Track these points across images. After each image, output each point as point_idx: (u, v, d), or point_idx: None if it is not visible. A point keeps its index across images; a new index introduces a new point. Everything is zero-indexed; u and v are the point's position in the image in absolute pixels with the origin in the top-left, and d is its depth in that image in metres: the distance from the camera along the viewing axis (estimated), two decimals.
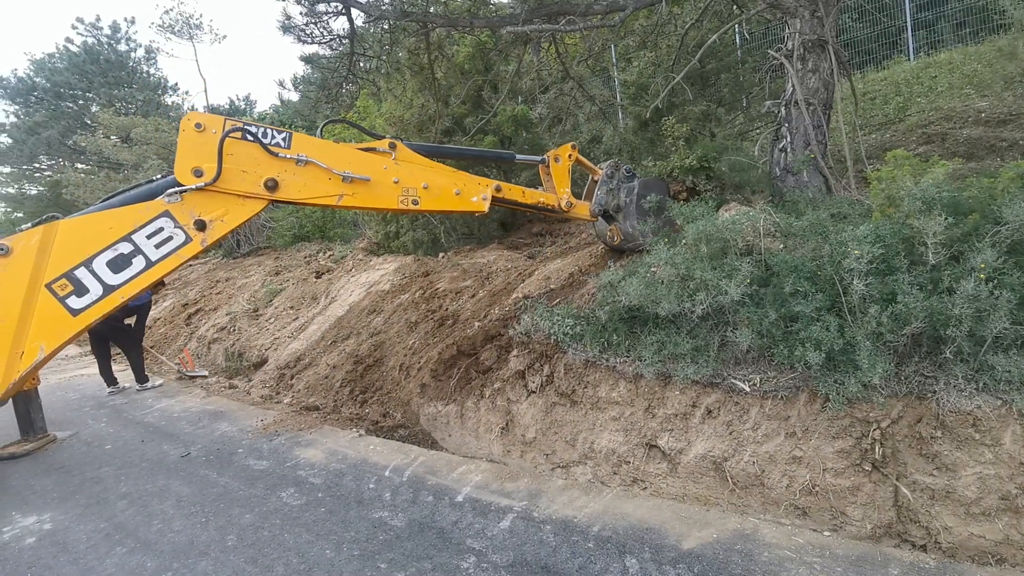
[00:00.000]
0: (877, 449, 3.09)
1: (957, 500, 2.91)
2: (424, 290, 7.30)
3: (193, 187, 3.71)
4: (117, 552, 3.34)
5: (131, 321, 7.70)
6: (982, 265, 2.71)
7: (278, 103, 29.27)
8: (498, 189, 4.57)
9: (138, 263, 3.74)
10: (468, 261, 7.99)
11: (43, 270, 3.66)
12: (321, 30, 6.46)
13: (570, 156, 5.00)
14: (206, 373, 8.20)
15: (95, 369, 8.84)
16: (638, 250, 5.14)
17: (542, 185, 5.15)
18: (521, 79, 7.95)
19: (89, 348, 11.21)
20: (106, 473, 4.70)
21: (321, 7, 5.84)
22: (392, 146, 4.22)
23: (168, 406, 6.65)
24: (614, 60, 12.05)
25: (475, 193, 4.43)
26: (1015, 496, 2.79)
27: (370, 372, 6.37)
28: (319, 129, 4.51)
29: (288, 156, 3.87)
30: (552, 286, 5.62)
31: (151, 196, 3.77)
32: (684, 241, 4.01)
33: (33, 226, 3.81)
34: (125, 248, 3.72)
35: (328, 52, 7.10)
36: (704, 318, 3.73)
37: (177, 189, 3.71)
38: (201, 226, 3.76)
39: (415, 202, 4.19)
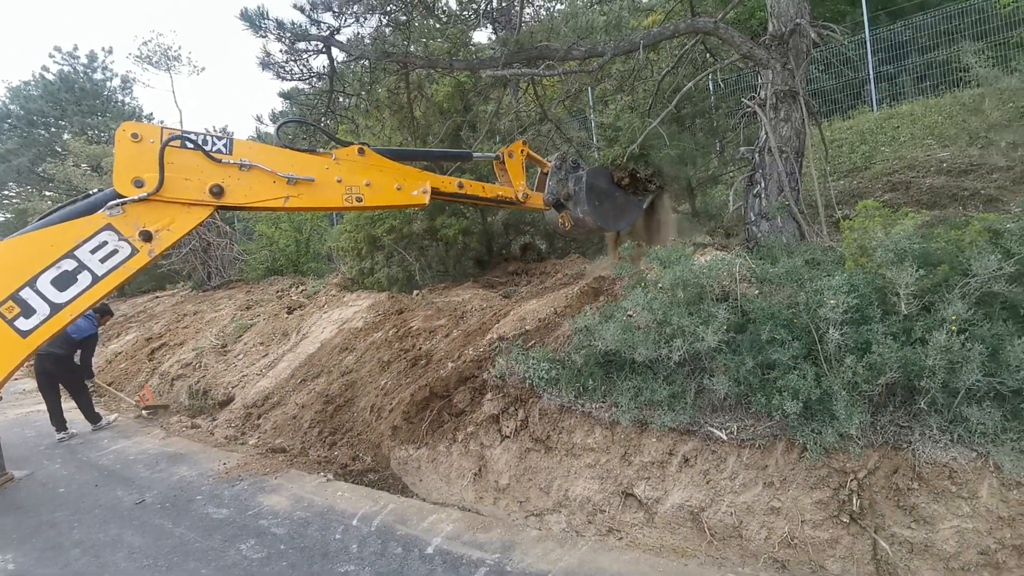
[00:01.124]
0: (855, 500, 3.06)
1: (936, 555, 2.87)
2: (398, 328, 7.18)
3: (135, 198, 3.60)
4: None
5: (76, 357, 7.40)
6: (953, 317, 2.74)
7: (255, 135, 29.21)
8: (460, 185, 4.81)
9: (84, 279, 3.57)
10: (443, 299, 7.90)
11: None
12: (301, 67, 6.45)
13: (522, 151, 5.38)
14: (167, 404, 7.90)
15: None
16: (588, 235, 6.07)
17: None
18: (500, 119, 8.04)
19: None
20: (60, 518, 4.43)
21: (301, 45, 5.83)
22: (361, 151, 4.34)
23: (124, 447, 6.34)
24: (591, 103, 12.32)
25: (415, 187, 4.50)
26: (994, 551, 2.77)
27: (340, 413, 6.18)
28: (275, 128, 4.58)
29: (231, 162, 3.85)
30: (527, 327, 5.55)
31: (91, 210, 3.62)
32: (661, 286, 4.00)
33: None
34: (69, 265, 3.55)
35: (307, 89, 7.09)
36: (681, 364, 3.70)
37: (118, 201, 3.58)
38: (147, 237, 3.64)
39: (359, 199, 4.24)
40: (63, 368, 7.16)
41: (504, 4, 8.37)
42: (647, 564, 3.24)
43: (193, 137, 3.77)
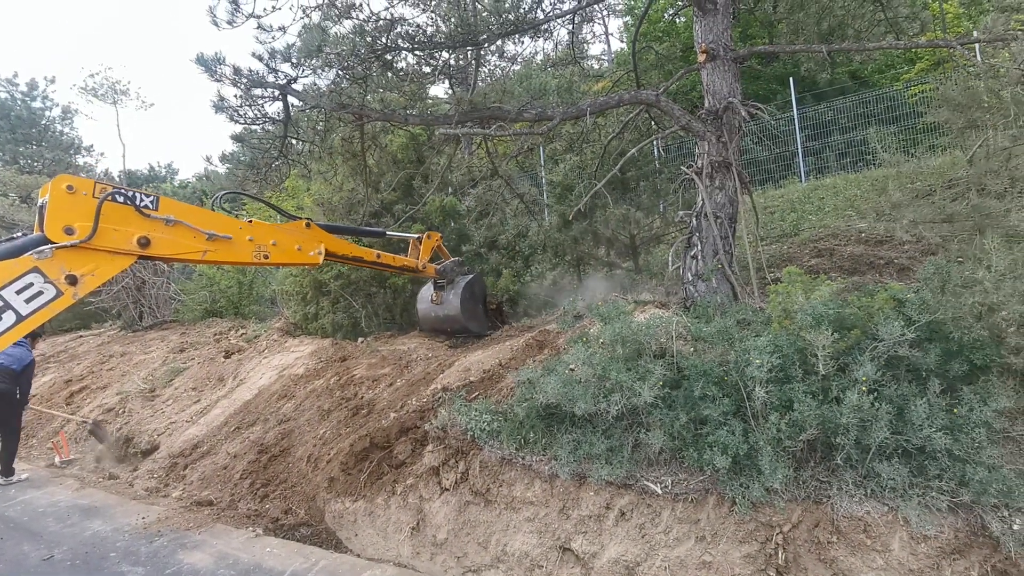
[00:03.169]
0: (780, 554, 3.17)
1: None
2: (340, 376, 7.04)
3: (68, 244, 3.79)
4: None
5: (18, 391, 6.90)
6: (863, 378, 2.96)
7: (201, 172, 28.74)
8: (379, 256, 6.05)
9: (8, 318, 3.64)
10: (388, 348, 7.83)
11: None
12: (255, 112, 6.49)
13: (437, 242, 7.11)
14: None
15: None
16: (441, 322, 7.54)
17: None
18: (452, 172, 8.25)
19: None
20: None
21: (257, 91, 5.89)
22: (308, 225, 5.16)
23: (33, 498, 5.86)
24: (542, 161, 12.80)
25: (312, 248, 5.20)
26: None
27: (275, 463, 5.94)
28: (212, 201, 5.18)
29: (157, 217, 4.18)
30: (472, 378, 5.57)
31: (16, 253, 3.72)
32: (601, 341, 4.14)
33: None
34: None
35: (260, 132, 7.11)
36: (619, 418, 3.81)
37: (49, 246, 3.73)
38: (72, 281, 3.81)
39: (266, 256, 4.83)
40: (6, 405, 6.70)
41: (461, 62, 8.73)
42: None
43: (126, 192, 4.11)
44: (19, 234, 3.98)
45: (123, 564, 4.15)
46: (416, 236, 6.87)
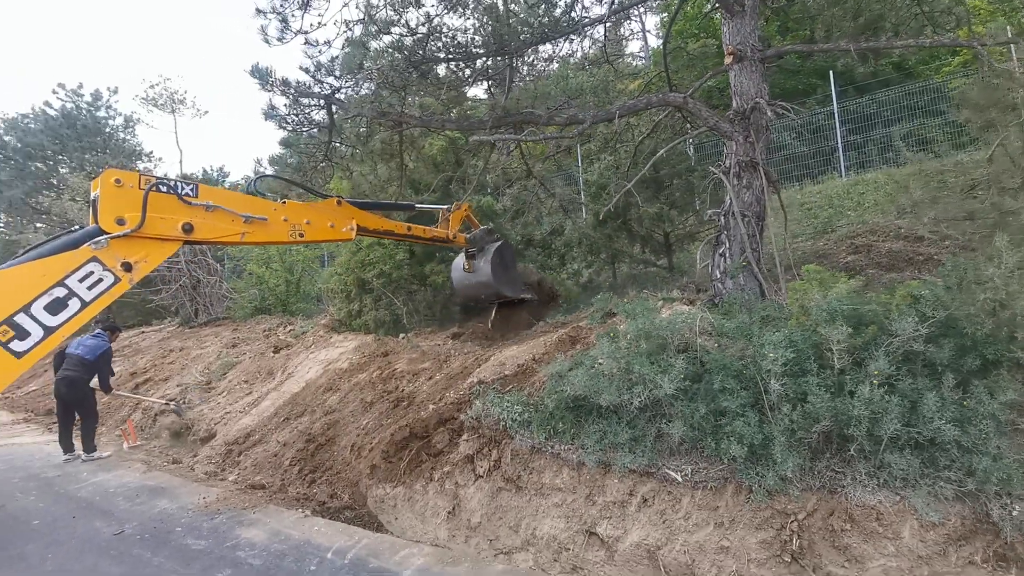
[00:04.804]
0: (795, 541, 3.31)
1: None
2: (382, 370, 7.40)
3: (120, 234, 4.18)
4: None
5: (94, 384, 7.68)
6: (875, 372, 3.08)
7: (251, 175, 30.04)
8: (409, 228, 6.42)
9: (73, 304, 4.06)
10: (428, 343, 8.16)
11: None
12: (302, 119, 6.90)
13: (466, 211, 7.33)
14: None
15: (27, 438, 8.54)
16: (476, 289, 7.70)
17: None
18: (488, 174, 8.53)
19: (23, 416, 10.79)
20: (31, 551, 4.51)
21: (304, 100, 6.28)
22: (339, 202, 5.49)
23: (104, 480, 6.42)
24: (579, 160, 12.96)
25: (345, 224, 5.52)
26: None
27: (321, 451, 6.34)
28: (247, 185, 5.49)
29: (197, 203, 4.51)
30: (506, 372, 5.82)
31: (74, 245, 4.13)
32: (627, 336, 4.33)
33: None
34: (60, 292, 4.03)
35: (306, 138, 7.54)
36: (642, 410, 3.99)
37: (104, 237, 4.13)
38: (128, 267, 4.22)
39: (301, 234, 5.12)
40: (77, 392, 7.45)
41: (500, 62, 9.01)
42: None
43: (168, 182, 4.47)
44: (76, 227, 4.43)
45: (188, 538, 4.58)
46: (445, 207, 7.09)
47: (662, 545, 3.69)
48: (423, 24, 5.06)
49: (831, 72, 12.69)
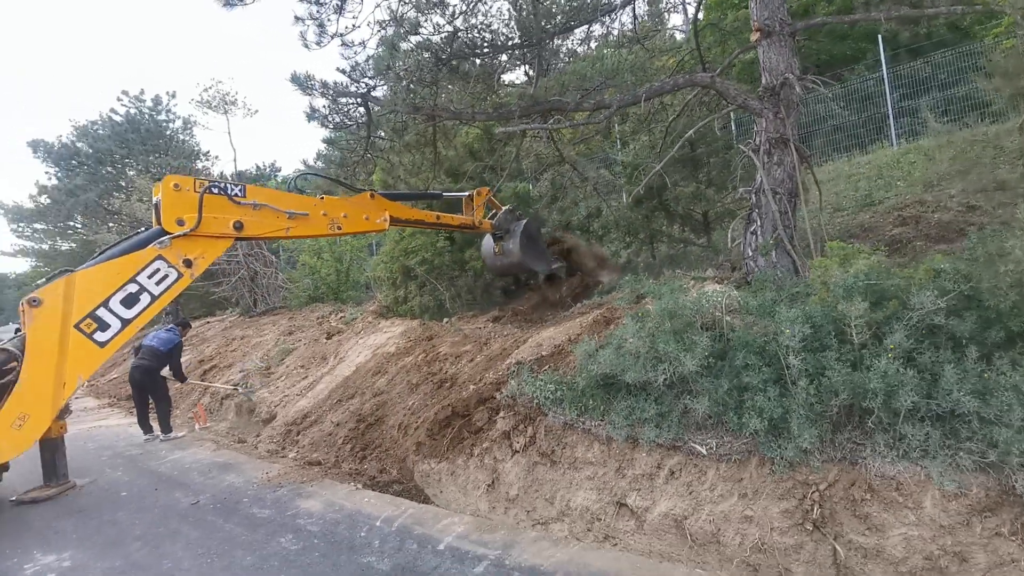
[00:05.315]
0: (816, 510, 3.42)
1: (887, 559, 3.20)
2: (427, 353, 7.75)
3: (180, 234, 4.66)
4: None
5: (166, 373, 8.44)
6: (891, 346, 3.13)
7: (300, 167, 31.29)
8: (438, 217, 6.82)
9: (145, 298, 4.63)
10: (470, 327, 8.47)
11: (70, 314, 4.43)
12: (342, 118, 7.23)
13: (486, 196, 7.58)
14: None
15: (112, 421, 9.35)
16: (508, 268, 8.02)
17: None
18: (521, 161, 8.69)
19: (108, 401, 11.76)
20: (122, 517, 5.07)
21: (343, 100, 6.60)
22: (372, 195, 5.85)
23: (180, 457, 7.05)
24: (618, 142, 12.91)
25: (379, 216, 5.91)
26: (937, 556, 3.09)
27: (371, 430, 6.75)
28: (288, 183, 5.87)
29: (246, 202, 4.92)
30: (543, 353, 6.04)
31: (142, 246, 4.65)
32: (653, 315, 4.46)
33: (48, 280, 4.60)
34: (133, 288, 4.60)
35: (347, 135, 7.89)
36: (669, 386, 4.14)
37: (167, 237, 4.63)
38: (188, 264, 4.71)
39: (339, 227, 5.52)
40: (150, 379, 8.25)
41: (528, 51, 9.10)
42: (627, 562, 3.66)
43: (219, 184, 4.90)
44: (143, 229, 4.94)
45: (254, 507, 5.04)
46: (467, 194, 7.43)
47: (688, 515, 3.86)
48: (449, 23, 5.26)
49: (879, 36, 12.15)
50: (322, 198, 5.49)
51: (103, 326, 4.53)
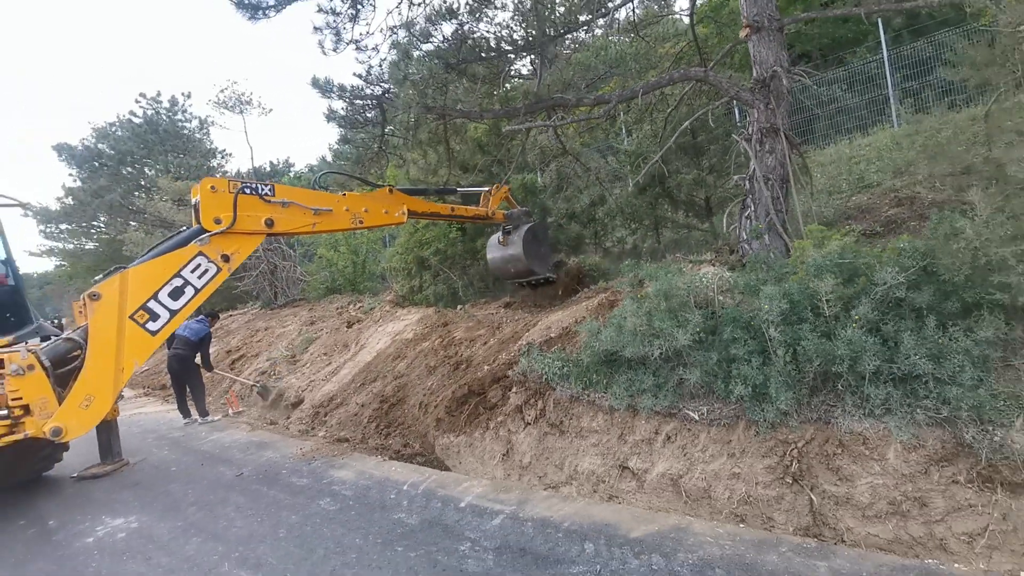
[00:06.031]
0: (795, 465, 3.84)
1: (855, 505, 3.62)
2: (442, 338, 8.23)
3: (218, 232, 5.14)
4: (194, 541, 4.25)
5: (197, 360, 8.98)
6: (856, 317, 3.54)
7: (314, 163, 31.88)
8: (453, 209, 7.28)
9: (188, 291, 5.14)
10: (482, 313, 8.93)
11: (125, 306, 4.96)
12: (358, 117, 7.68)
13: (504, 192, 8.11)
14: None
15: (151, 408, 9.99)
16: (508, 263, 8.32)
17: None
18: (526, 154, 9.10)
19: (143, 391, 12.44)
20: (175, 488, 5.64)
21: (359, 102, 7.04)
22: (391, 190, 6.27)
23: (219, 438, 7.62)
24: (624, 132, 13.22)
25: (397, 210, 6.30)
26: (900, 502, 3.51)
27: (394, 410, 7.26)
28: (313, 181, 6.37)
29: (275, 201, 5.38)
30: (552, 335, 6.49)
31: (184, 243, 5.16)
32: (649, 296, 4.89)
33: (105, 276, 5.11)
34: (178, 282, 5.11)
35: (363, 134, 8.35)
36: (665, 360, 4.57)
37: (206, 235, 5.13)
38: (225, 259, 5.20)
39: (360, 221, 5.93)
40: (186, 367, 8.90)
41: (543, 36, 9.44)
42: (628, 513, 4.12)
43: (251, 184, 5.36)
44: (183, 228, 5.46)
45: (292, 477, 5.58)
46: (487, 189, 7.95)
47: (683, 474, 4.30)
48: (456, 30, 5.65)
49: (878, 19, 12.30)
50: (344, 194, 5.92)
51: (154, 317, 5.06)
